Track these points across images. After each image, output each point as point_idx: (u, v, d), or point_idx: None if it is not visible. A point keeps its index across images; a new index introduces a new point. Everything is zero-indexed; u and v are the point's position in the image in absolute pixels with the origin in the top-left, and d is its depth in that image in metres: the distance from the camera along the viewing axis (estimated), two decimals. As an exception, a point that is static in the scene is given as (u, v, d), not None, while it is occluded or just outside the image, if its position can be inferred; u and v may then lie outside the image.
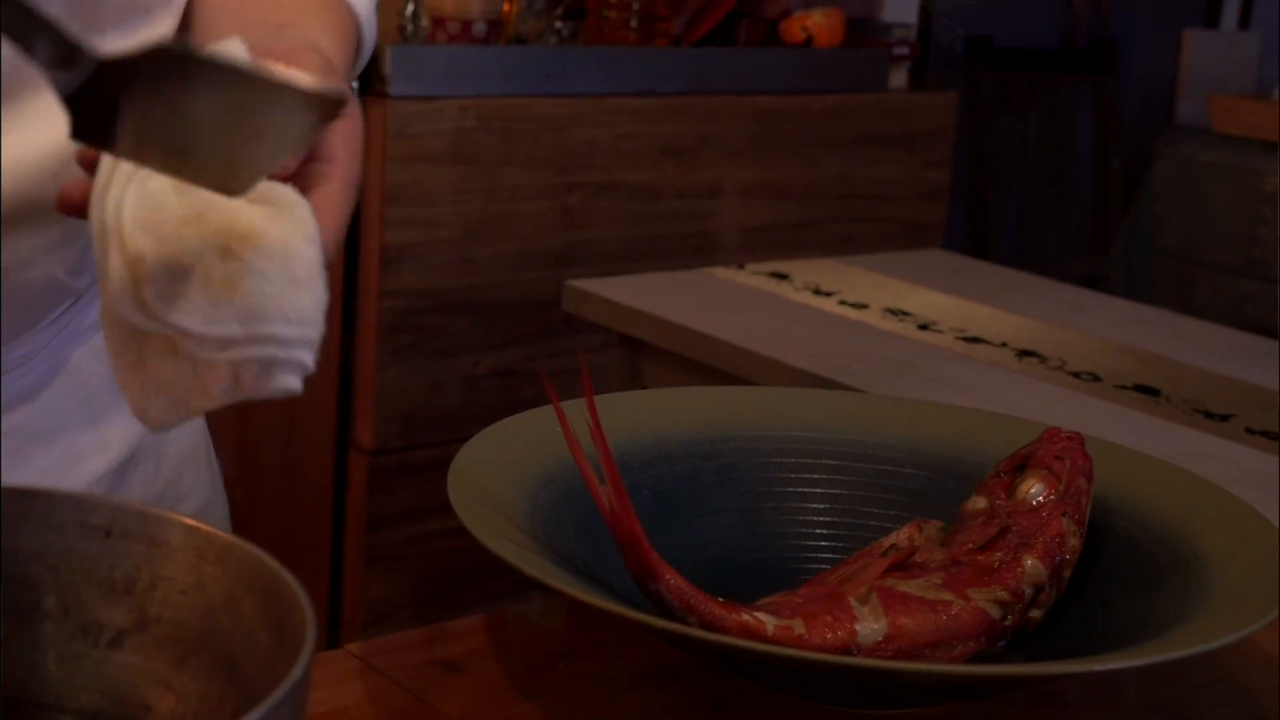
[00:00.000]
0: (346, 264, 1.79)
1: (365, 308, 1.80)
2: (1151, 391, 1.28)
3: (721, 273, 1.56)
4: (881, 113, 2.19)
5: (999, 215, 2.78)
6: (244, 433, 1.74)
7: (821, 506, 0.80)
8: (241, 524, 1.75)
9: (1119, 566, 0.72)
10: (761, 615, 0.66)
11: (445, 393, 1.85)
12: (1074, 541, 0.71)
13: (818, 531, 0.80)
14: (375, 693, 0.66)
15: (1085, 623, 0.70)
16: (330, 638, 1.85)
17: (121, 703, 0.57)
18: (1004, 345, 1.39)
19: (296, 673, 0.47)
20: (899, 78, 2.26)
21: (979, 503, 0.75)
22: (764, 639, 0.65)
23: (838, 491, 0.81)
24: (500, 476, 0.71)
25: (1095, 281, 2.66)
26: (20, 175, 0.65)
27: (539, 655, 0.70)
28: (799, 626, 0.66)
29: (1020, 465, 0.75)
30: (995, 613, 0.69)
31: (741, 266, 1.59)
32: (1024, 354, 1.36)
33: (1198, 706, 0.70)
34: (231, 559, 0.56)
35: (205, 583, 0.56)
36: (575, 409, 0.69)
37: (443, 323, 1.84)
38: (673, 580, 0.65)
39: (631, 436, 0.80)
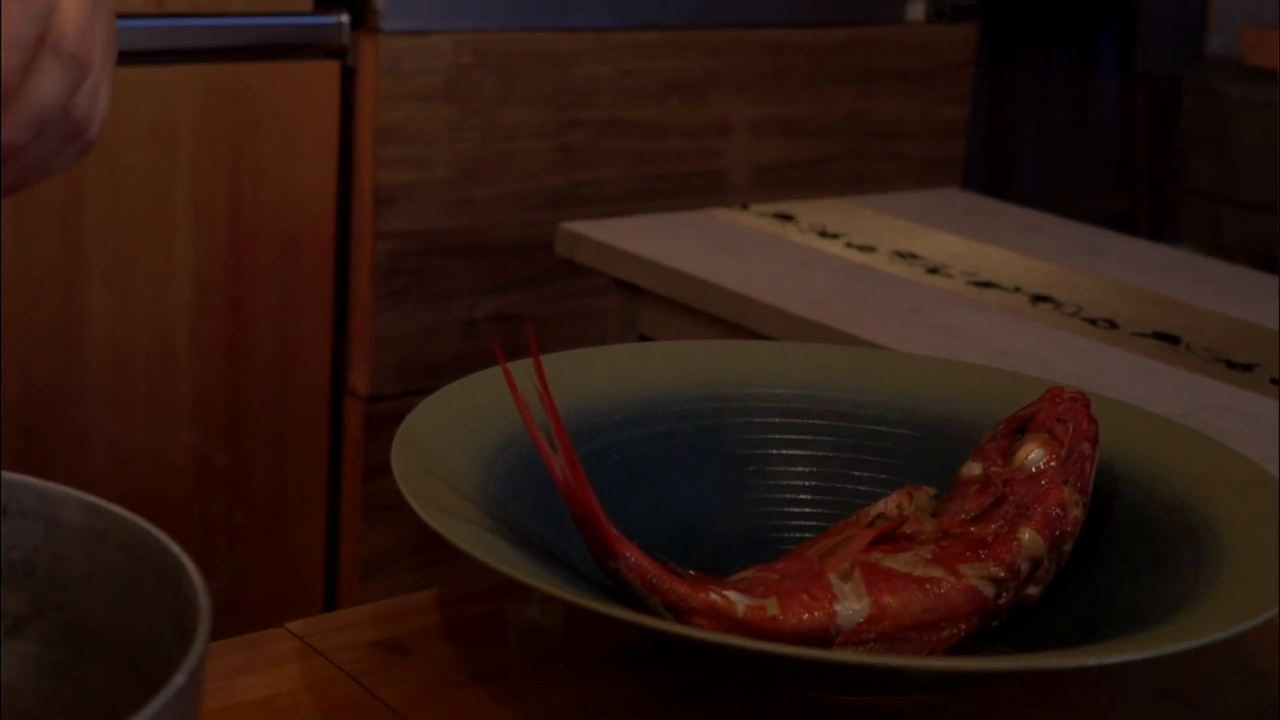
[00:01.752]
0: (339, 205, 1.74)
1: (358, 250, 1.75)
2: (1171, 339, 1.22)
3: (724, 214, 1.50)
4: (897, 46, 2.11)
5: (1019, 153, 2.71)
6: (235, 380, 1.70)
7: (807, 470, 0.75)
8: (233, 475, 1.71)
9: (1125, 539, 0.66)
10: (732, 594, 0.61)
11: (442, 337, 1.80)
12: (1076, 512, 0.66)
13: (802, 498, 0.74)
14: (313, 677, 0.61)
15: (1087, 601, 0.64)
16: (329, 589, 1.81)
17: (19, 695, 0.53)
18: (1017, 290, 1.33)
19: (179, 680, 0.42)
20: (916, 10, 2.18)
21: (974, 469, 0.69)
22: (734, 620, 0.60)
23: (825, 454, 0.75)
24: (453, 443, 0.66)
25: (1119, 221, 2.58)
26: None
27: (492, 635, 0.65)
28: (773, 607, 0.61)
29: (1019, 428, 0.69)
30: (989, 590, 0.63)
31: (745, 207, 1.53)
32: (1038, 299, 1.30)
33: (1208, 692, 0.64)
34: (133, 542, 0.51)
35: (107, 568, 0.51)
36: (526, 369, 0.64)
37: (439, 266, 1.79)
38: (633, 558, 0.60)
39: (604, 394, 0.74)
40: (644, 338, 1.36)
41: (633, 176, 1.91)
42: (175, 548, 0.49)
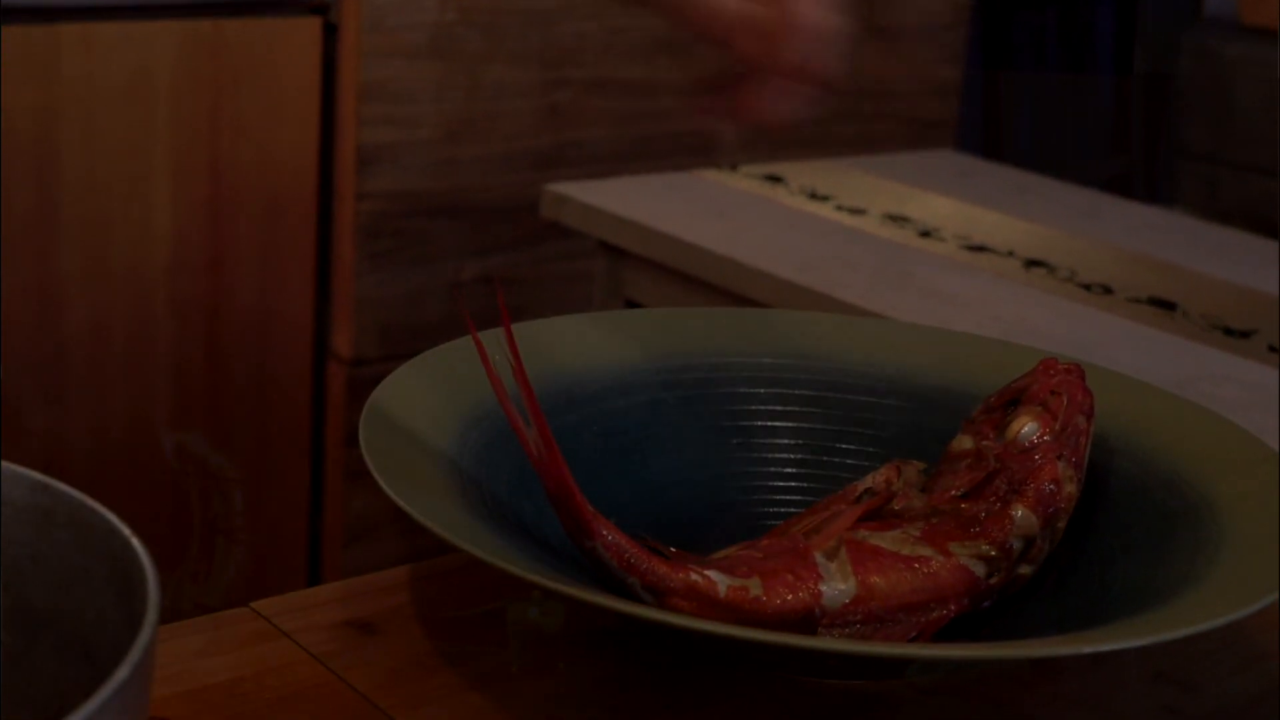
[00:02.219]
0: (321, 165, 1.70)
1: (341, 211, 1.72)
2: (1167, 305, 1.20)
3: (712, 176, 1.47)
4: (891, 4, 2.08)
5: (1014, 114, 2.67)
6: (216, 344, 1.67)
7: (793, 443, 0.72)
8: (214, 440, 1.68)
9: (1121, 516, 0.64)
10: (713, 574, 0.58)
11: (426, 300, 1.77)
12: (1070, 488, 0.63)
13: (788, 471, 0.72)
14: (277, 659, 0.59)
15: (1081, 581, 0.62)
16: (311, 555, 1.79)
17: (-34, 684, 0.50)
18: (1010, 254, 1.30)
19: (122, 674, 0.40)
20: (909, -33, 2.14)
21: (965, 443, 0.66)
22: (715, 601, 0.58)
23: (811, 426, 0.73)
24: (424, 415, 0.63)
25: (1115, 184, 2.56)
26: None
27: (465, 614, 0.63)
28: (755, 587, 0.59)
29: (1012, 401, 0.67)
30: (979, 570, 0.61)
31: (734, 169, 1.50)
32: (1031, 264, 1.28)
33: (1206, 674, 0.62)
34: (81, 522, 0.48)
35: (55, 549, 0.49)
36: (500, 340, 0.61)
37: (423, 227, 1.76)
38: (610, 537, 0.57)
39: (583, 364, 0.72)
40: (630, 302, 1.34)
41: (620, 137, 1.88)
42: (125, 530, 0.46)
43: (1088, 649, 0.49)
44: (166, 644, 0.59)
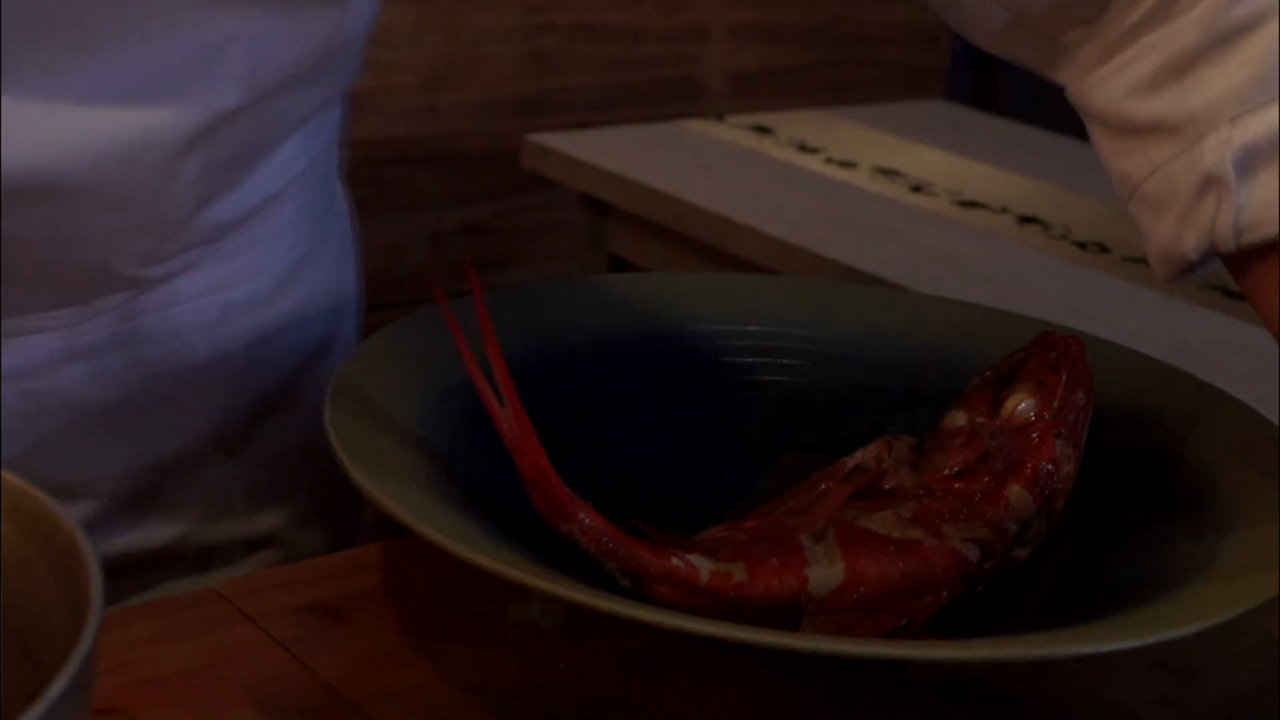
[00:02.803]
0: (299, 112, 1.67)
1: (319, 159, 1.68)
2: (1164, 264, 1.16)
3: (698, 126, 1.43)
4: (882, -51, 2.04)
5: (1006, 61, 2.63)
6: (192, 293, 1.64)
7: (780, 416, 0.69)
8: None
9: (1120, 498, 0.62)
10: (695, 559, 0.56)
11: (408, 250, 1.74)
12: (1068, 468, 0.61)
13: (774, 445, 0.69)
14: (239, 646, 0.56)
15: (1079, 567, 0.60)
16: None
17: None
18: (1003, 210, 1.27)
19: (59, 687, 0.37)
20: (902, -90, 2.10)
21: (959, 418, 0.64)
22: (697, 587, 0.55)
23: (799, 398, 0.70)
24: (395, 390, 0.60)
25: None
26: (81, 155, 0.58)
27: (439, 596, 0.60)
28: (739, 572, 0.56)
29: (1008, 376, 0.64)
30: (972, 554, 0.58)
31: (721, 119, 1.47)
32: (1025, 220, 1.25)
33: (1208, 662, 0.60)
34: (24, 513, 0.45)
35: (-3, 540, 0.46)
36: (484, 307, 0.58)
37: (404, 175, 1.72)
38: (587, 520, 0.54)
39: (561, 334, 0.69)
40: (614, 258, 1.31)
41: (606, 84, 1.84)
42: (69, 522, 0.44)
43: (1087, 649, 0.46)
44: (118, 630, 0.56)
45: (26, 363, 0.65)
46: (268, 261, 0.72)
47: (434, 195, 1.75)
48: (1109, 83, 0.60)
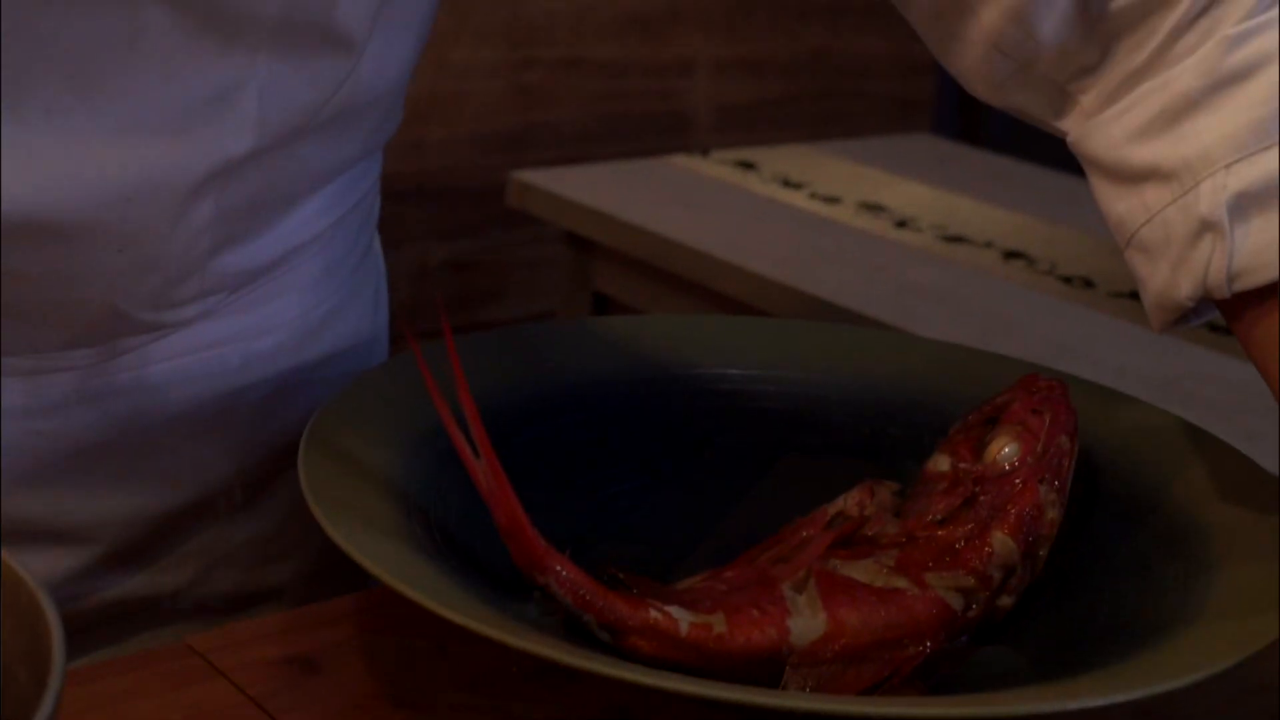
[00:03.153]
0: (283, 148, 1.66)
1: (304, 196, 1.68)
2: (1150, 299, 1.16)
3: (683, 162, 1.43)
4: (867, -19, 2.04)
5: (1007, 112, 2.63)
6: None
7: (761, 459, 0.69)
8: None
9: (1107, 544, 0.61)
10: (675, 611, 0.55)
11: (394, 286, 1.73)
12: (1053, 513, 0.60)
13: (756, 489, 0.68)
14: (210, 702, 0.55)
15: (1064, 615, 0.59)
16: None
17: None
18: (988, 245, 1.27)
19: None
20: (887, -57, 2.11)
21: (942, 463, 0.63)
22: (677, 640, 0.54)
23: (781, 440, 0.69)
24: (369, 439, 0.59)
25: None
26: (84, 194, 0.57)
27: (417, 648, 0.59)
28: (719, 624, 0.55)
29: (991, 419, 0.64)
30: (956, 603, 0.58)
31: (705, 154, 1.46)
32: (1010, 255, 1.25)
33: (1195, 709, 0.59)
34: (-13, 572, 0.44)
35: (-41, 598, 0.45)
36: (459, 351, 0.58)
37: (390, 211, 1.71)
38: (564, 572, 0.54)
39: (542, 377, 0.68)
40: (598, 295, 1.30)
41: (591, 117, 1.84)
42: (32, 583, 0.43)
43: (1073, 705, 0.46)
44: (89, 685, 0.55)
45: (36, 403, 0.64)
46: (293, 313, 0.70)
47: (419, 230, 1.74)
48: (1108, 128, 0.60)
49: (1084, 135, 0.61)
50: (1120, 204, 0.60)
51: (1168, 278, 0.58)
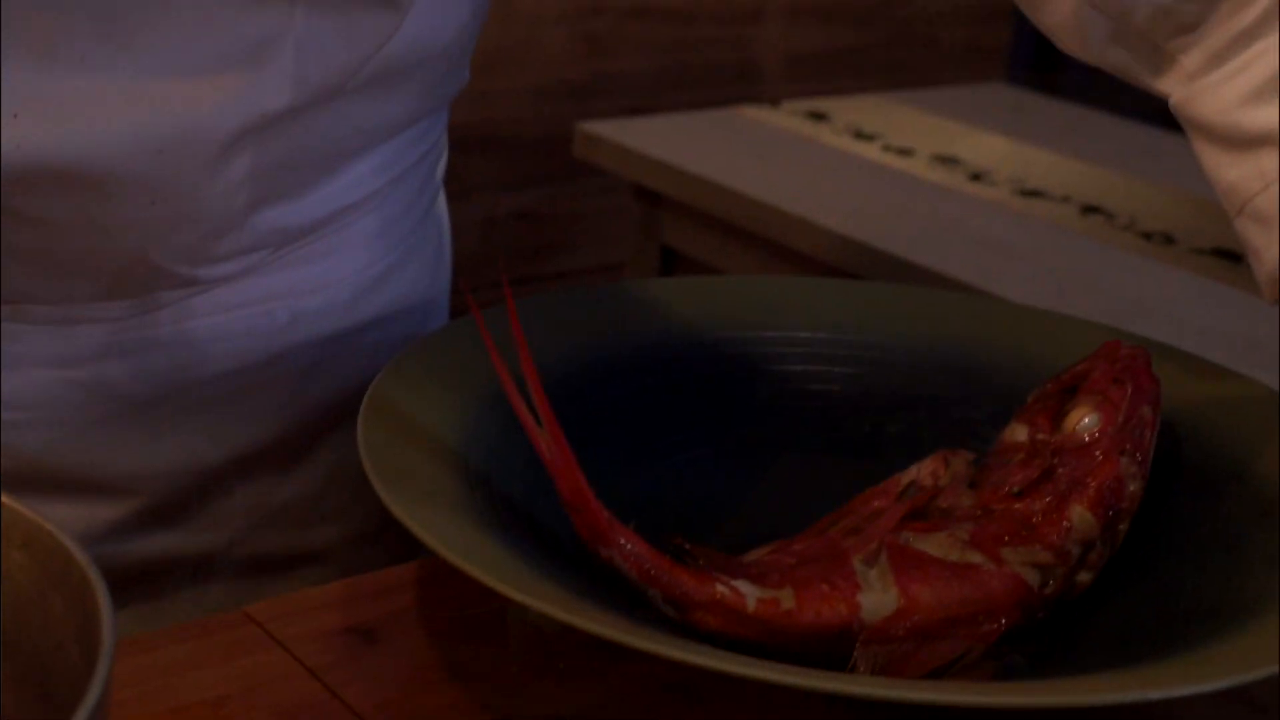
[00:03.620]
0: (349, 99, 1.65)
1: (370, 147, 1.67)
2: (1233, 257, 1.13)
3: (753, 113, 1.40)
4: (942, -74, 2.00)
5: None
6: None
7: (830, 428, 0.67)
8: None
9: (1190, 518, 0.59)
10: (742, 585, 0.54)
11: (461, 237, 1.72)
12: (1134, 486, 0.58)
13: (826, 457, 0.67)
14: (268, 672, 0.54)
15: (1145, 593, 0.57)
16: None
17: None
18: (1066, 199, 1.23)
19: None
20: (963, -114, 2.06)
21: (1018, 433, 0.61)
22: (743, 615, 0.53)
23: (851, 408, 0.67)
24: (430, 406, 0.58)
25: (1171, 116, 2.46)
26: (116, 144, 0.57)
27: (473, 619, 0.58)
28: (788, 599, 0.54)
29: (1070, 388, 0.61)
30: (1033, 579, 0.56)
31: (776, 104, 1.44)
32: (1088, 210, 1.21)
33: (1281, 692, 0.57)
34: (39, 546, 0.44)
35: (13, 572, 0.45)
36: (523, 314, 0.57)
37: (456, 162, 1.70)
38: (629, 546, 0.52)
39: (609, 340, 0.66)
40: (667, 249, 1.28)
41: (659, 67, 1.81)
42: (83, 559, 0.42)
43: (1155, 695, 0.44)
44: (147, 654, 0.55)
45: (71, 352, 0.64)
46: (346, 270, 0.69)
47: (486, 182, 1.73)
48: (1218, 91, 0.57)
49: (1189, 98, 0.58)
50: (1232, 171, 0.57)
51: None
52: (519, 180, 1.74)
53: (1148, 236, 1.16)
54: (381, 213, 0.70)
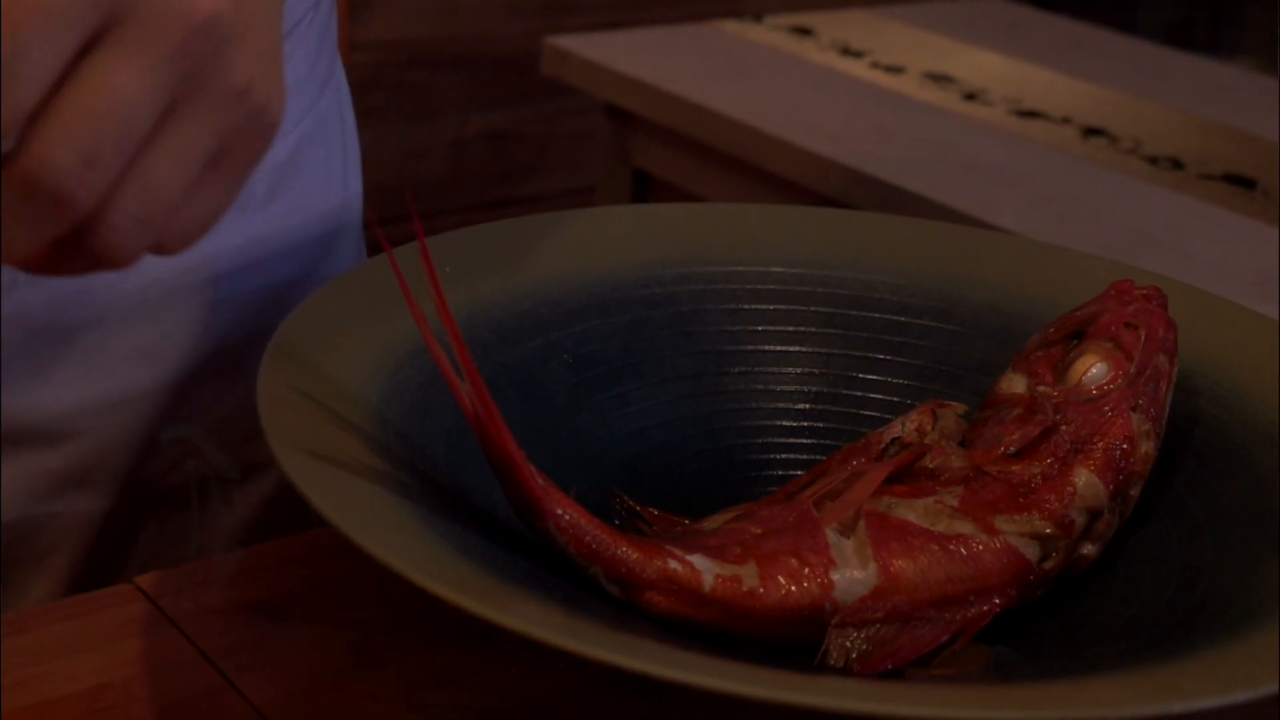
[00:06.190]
0: (309, 11, 1.57)
1: (331, 62, 1.59)
2: (1245, 183, 1.07)
3: (733, 28, 1.33)
4: None
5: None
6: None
7: (805, 374, 0.60)
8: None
9: (1208, 482, 0.52)
10: (698, 561, 0.47)
11: (428, 159, 1.65)
12: (1147, 447, 0.51)
13: (798, 409, 0.60)
14: (157, 658, 0.48)
15: (1157, 568, 0.50)
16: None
17: None
18: (1066, 121, 1.17)
19: None
20: None
21: (1016, 383, 0.54)
22: (699, 596, 0.47)
23: (829, 352, 0.61)
24: (345, 354, 0.51)
25: (1173, 32, 2.39)
26: None
27: (400, 594, 0.51)
28: (750, 577, 0.47)
29: (1075, 333, 0.54)
30: (1032, 552, 0.49)
31: (758, 19, 1.36)
32: (1090, 132, 1.15)
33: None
34: None
35: None
36: (450, 246, 0.50)
37: (423, 80, 1.63)
38: (566, 516, 0.46)
39: (554, 276, 0.59)
40: (639, 172, 1.21)
41: (638, -20, 1.73)
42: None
43: (1179, 707, 0.37)
44: (25, 635, 0.48)
45: None
46: None
47: (455, 100, 1.66)
48: None
49: None
50: None
51: None
52: (489, 100, 1.67)
53: (1154, 161, 1.10)
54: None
